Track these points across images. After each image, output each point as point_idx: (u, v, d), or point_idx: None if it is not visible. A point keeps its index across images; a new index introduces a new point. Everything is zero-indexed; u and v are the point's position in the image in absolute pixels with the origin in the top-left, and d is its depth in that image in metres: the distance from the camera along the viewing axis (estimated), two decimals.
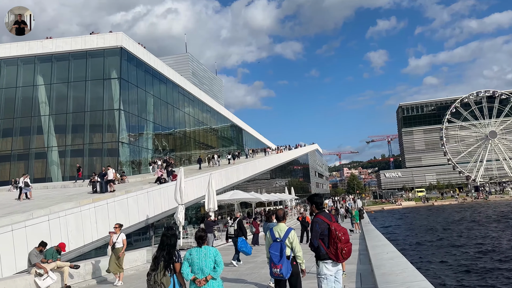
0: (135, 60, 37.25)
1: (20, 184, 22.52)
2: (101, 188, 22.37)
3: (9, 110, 35.53)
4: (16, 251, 13.26)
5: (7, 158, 35.17)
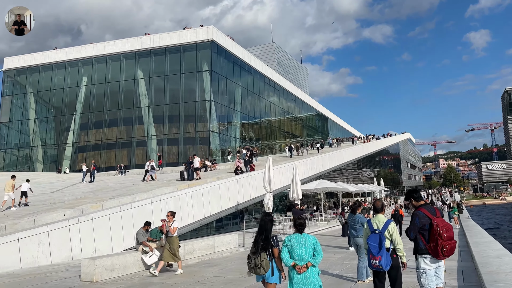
0: (224, 53, 38.57)
1: (146, 167, 25.09)
2: (188, 176, 23.67)
3: (114, 102, 39.26)
4: (124, 229, 14.73)
5: (112, 146, 38.99)
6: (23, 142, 42.38)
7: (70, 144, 40.35)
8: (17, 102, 42.80)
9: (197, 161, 24.29)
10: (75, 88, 40.62)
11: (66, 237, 12.63)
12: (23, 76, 42.65)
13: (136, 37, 39.35)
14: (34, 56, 42.50)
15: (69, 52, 41.11)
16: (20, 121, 42.45)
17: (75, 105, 40.45)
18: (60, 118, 41.52)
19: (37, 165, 41.01)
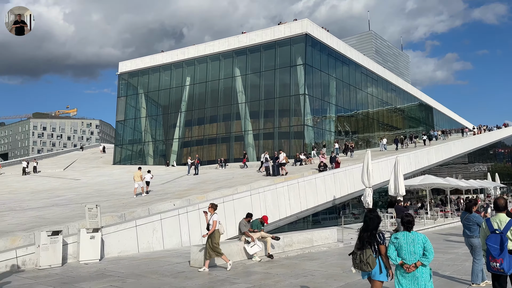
0: (318, 45, 38.09)
1: (262, 159, 26.57)
2: (273, 171, 23.82)
3: (214, 100, 41.38)
4: (227, 219, 15.51)
5: (213, 140, 41.18)
6: (136, 138, 47.01)
7: (177, 140, 43.62)
8: (130, 102, 47.55)
9: (282, 156, 24.17)
10: (180, 87, 43.70)
11: (176, 225, 13.73)
12: (135, 78, 47.19)
13: (234, 36, 40.87)
14: (144, 59, 46.71)
15: (174, 54, 44.34)
16: (133, 119, 47.10)
17: (180, 103, 43.56)
18: (167, 116, 45.12)
19: (148, 159, 45.14)
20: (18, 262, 9.63)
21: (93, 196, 20.87)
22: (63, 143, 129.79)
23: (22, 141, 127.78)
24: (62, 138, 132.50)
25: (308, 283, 8.19)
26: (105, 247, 11.29)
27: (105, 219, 12.38)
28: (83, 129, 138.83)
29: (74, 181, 31.53)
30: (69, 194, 23.23)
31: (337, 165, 24.04)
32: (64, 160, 48.55)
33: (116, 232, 11.83)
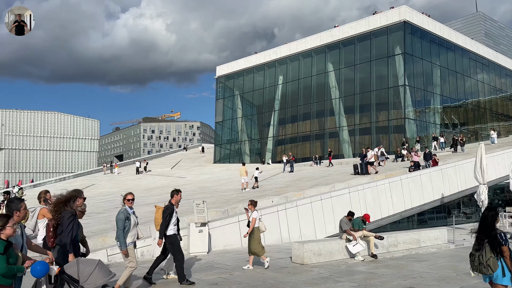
0: (418, 32, 35.62)
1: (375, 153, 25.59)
2: (361, 170, 22.57)
3: (306, 97, 41.22)
4: (325, 217, 15.33)
5: (307, 138, 41.06)
6: (233, 138, 49.00)
7: (271, 138, 44.44)
8: (227, 103, 49.71)
9: (370, 154, 22.59)
10: (273, 87, 44.42)
11: (276, 221, 13.97)
12: (231, 80, 49.19)
13: (326, 31, 40.23)
14: (239, 62, 48.44)
15: (266, 55, 45.23)
16: (231, 120, 49.16)
17: (273, 102, 44.28)
18: (262, 115, 46.24)
19: (245, 157, 46.74)
20: (137, 253, 10.67)
21: (198, 193, 22.27)
22: (169, 144, 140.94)
23: (134, 143, 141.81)
24: (168, 140, 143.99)
25: (418, 285, 7.70)
26: (212, 240, 11.96)
27: (210, 214, 13.10)
28: (186, 130, 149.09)
29: (180, 179, 34.01)
30: None
31: (434, 163, 21.47)
32: (171, 160, 52.65)
33: (221, 226, 12.44)
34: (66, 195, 5.24)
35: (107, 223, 14.17)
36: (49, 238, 5.21)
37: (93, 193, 31.48)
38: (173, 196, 7.74)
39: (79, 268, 4.19)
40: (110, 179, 40.33)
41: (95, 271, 4.21)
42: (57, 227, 5.13)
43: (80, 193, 5.39)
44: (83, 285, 4.13)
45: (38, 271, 3.91)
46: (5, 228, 3.84)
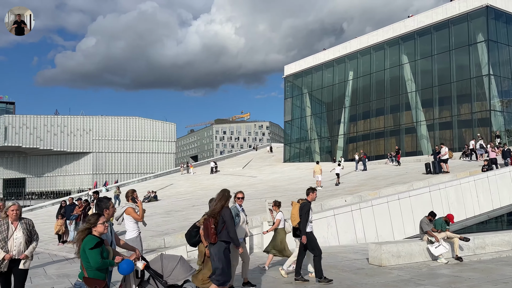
0: (503, 16, 32.59)
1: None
2: (433, 168, 20.86)
3: (379, 92, 39.64)
4: (404, 217, 14.62)
5: (380, 134, 39.48)
6: (302, 137, 48.71)
7: (342, 136, 43.45)
8: (296, 102, 49.53)
9: (444, 151, 20.64)
10: (343, 83, 43.38)
11: (350, 221, 13.62)
12: (299, 79, 48.92)
13: (399, 22, 38.38)
14: (307, 60, 48.01)
15: (335, 50, 44.30)
16: (299, 119, 48.91)
17: (343, 99, 43.24)
18: (331, 112, 45.39)
19: (315, 156, 46.21)
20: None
21: (269, 192, 22.50)
22: (240, 144, 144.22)
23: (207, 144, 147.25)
24: (239, 140, 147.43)
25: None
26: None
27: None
28: (256, 131, 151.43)
29: (251, 178, 34.61)
30: (248, 190, 25.59)
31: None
32: (242, 160, 53.80)
33: None
34: (224, 196, 5.84)
35: (186, 221, 14.88)
36: (212, 235, 5.63)
37: (172, 192, 33.25)
38: (309, 193, 7.84)
39: (163, 264, 4.41)
40: (187, 179, 42.26)
41: (178, 267, 4.39)
42: (217, 225, 5.65)
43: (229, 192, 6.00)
44: (166, 280, 4.33)
45: (124, 269, 4.18)
46: (97, 225, 4.16)
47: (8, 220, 5.39)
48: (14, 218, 5.40)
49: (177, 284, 4.37)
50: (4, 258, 5.20)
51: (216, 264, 5.72)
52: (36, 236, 5.60)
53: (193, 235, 6.33)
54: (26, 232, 5.45)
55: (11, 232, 5.36)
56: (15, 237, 5.37)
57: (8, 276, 5.36)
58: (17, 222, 5.44)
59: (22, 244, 5.37)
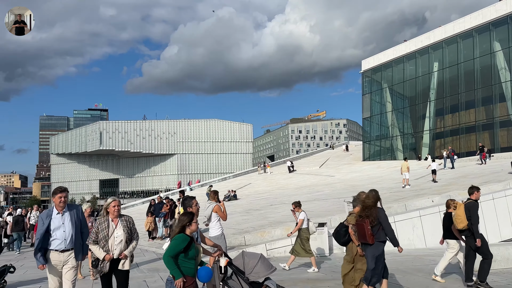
0: None
1: None
2: None
3: (468, 82, 36.59)
4: (499, 219, 13.33)
5: (471, 129, 36.42)
6: (383, 134, 46.69)
7: (427, 131, 40.88)
8: (375, 98, 47.63)
9: None
10: (427, 75, 40.79)
11: (438, 223, 12.73)
12: (378, 73, 46.98)
13: (489, 7, 35.09)
14: (386, 53, 45.94)
15: (418, 41, 41.81)
16: (379, 115, 46.94)
17: (428, 92, 40.65)
18: (415, 107, 42.92)
19: (397, 153, 44.06)
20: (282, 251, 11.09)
21: (348, 192, 21.91)
22: (316, 143, 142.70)
23: (283, 144, 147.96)
24: (315, 139, 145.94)
25: None
26: None
27: None
28: (332, 129, 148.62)
29: (329, 177, 34.05)
30: (326, 190, 25.23)
31: None
32: (319, 159, 53.17)
33: None
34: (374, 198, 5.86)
35: (264, 219, 15.11)
36: (369, 236, 5.71)
37: (250, 191, 34.01)
38: (473, 192, 7.41)
39: (244, 261, 4.53)
40: (264, 179, 42.90)
41: (259, 264, 4.47)
42: (373, 226, 5.75)
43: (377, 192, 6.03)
44: (248, 277, 4.43)
45: (204, 276, 4.28)
46: (191, 223, 4.34)
47: (108, 217, 5.07)
48: (116, 215, 5.07)
49: (257, 281, 4.46)
50: (104, 258, 4.92)
51: (371, 264, 5.79)
52: (136, 235, 5.22)
53: (342, 235, 6.27)
54: (127, 230, 5.08)
55: (112, 230, 5.02)
56: (115, 236, 5.03)
57: (109, 277, 5.09)
58: (117, 219, 5.10)
59: (122, 243, 5.02)
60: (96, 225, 5.08)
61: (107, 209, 5.07)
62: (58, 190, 5.09)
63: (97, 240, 4.98)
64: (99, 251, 4.94)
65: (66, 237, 5.04)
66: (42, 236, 4.97)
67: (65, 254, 5.06)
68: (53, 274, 5.08)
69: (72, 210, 5.19)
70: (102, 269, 4.97)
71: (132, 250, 5.11)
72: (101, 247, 4.95)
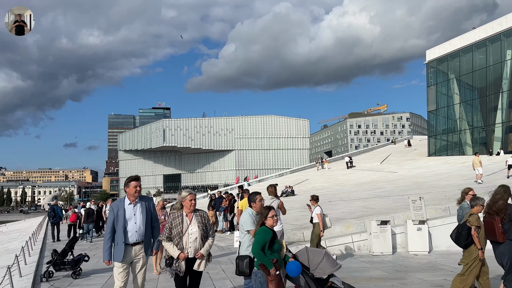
0: None
1: None
2: None
3: None
4: None
5: None
6: (450, 127, 44.00)
7: (499, 124, 37.93)
8: (441, 89, 44.97)
9: None
10: (499, 64, 37.79)
11: None
12: (444, 64, 44.27)
13: None
14: (453, 42, 43.16)
15: (488, 28, 38.83)
16: (446, 108, 44.27)
17: (500, 82, 37.68)
18: (485, 98, 39.97)
19: (466, 148, 41.33)
20: (353, 246, 10.84)
21: (412, 188, 20.97)
22: (376, 138, 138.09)
23: (341, 139, 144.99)
24: (375, 134, 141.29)
25: None
26: (432, 240, 11.03)
27: (428, 212, 12.11)
28: (394, 123, 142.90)
29: (391, 173, 32.79)
30: (388, 186, 24.32)
31: None
32: (379, 154, 51.37)
33: (443, 225, 11.31)
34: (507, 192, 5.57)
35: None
36: (500, 234, 5.44)
37: (308, 187, 33.71)
38: None
39: (309, 257, 4.53)
40: (322, 174, 42.32)
41: (324, 260, 4.46)
42: (503, 224, 5.47)
43: None
44: (313, 273, 4.42)
45: (293, 270, 4.31)
46: (267, 218, 4.39)
47: (182, 212, 4.65)
48: (192, 209, 4.64)
49: (321, 278, 4.42)
50: (179, 257, 4.50)
51: (508, 262, 5.50)
52: (212, 232, 4.79)
53: (465, 237, 5.72)
54: (202, 226, 4.63)
55: (186, 226, 4.58)
56: (190, 232, 4.57)
57: (185, 278, 4.62)
58: (191, 214, 4.65)
59: (198, 240, 4.56)
60: (169, 220, 4.66)
61: (182, 203, 4.66)
62: (133, 178, 4.83)
63: (170, 236, 4.58)
64: (173, 248, 4.53)
65: (137, 229, 4.76)
66: (112, 227, 4.72)
67: (136, 248, 4.77)
68: (120, 270, 4.72)
69: (144, 201, 4.90)
70: (177, 269, 4.53)
71: (208, 248, 4.64)
72: (175, 244, 4.55)
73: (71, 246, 9.17)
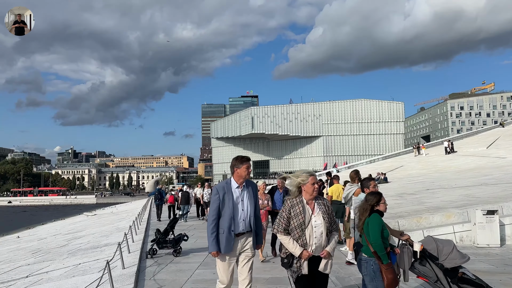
0: None
1: None
2: None
3: None
4: None
5: None
6: None
7: None
8: None
9: None
10: None
11: None
12: None
13: None
14: None
15: None
16: None
17: None
18: None
19: None
20: (455, 237, 10.04)
21: None
22: (482, 120, 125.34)
23: (441, 122, 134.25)
24: (480, 116, 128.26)
25: None
26: None
27: None
28: (503, 103, 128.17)
29: (499, 159, 29.62)
30: (496, 173, 22.02)
31: None
32: (486, 138, 46.60)
33: None
34: None
35: (419, 204, 14.12)
36: None
37: (403, 174, 32.02)
38: None
39: (438, 246, 4.44)
40: (419, 161, 39.79)
41: (454, 251, 4.37)
42: None
43: None
44: (442, 263, 4.33)
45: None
46: (379, 204, 4.27)
47: (302, 198, 3.76)
48: (315, 195, 3.78)
49: (448, 268, 4.33)
50: (301, 256, 3.62)
51: None
52: (336, 225, 3.89)
53: None
54: (327, 217, 3.75)
55: (308, 217, 3.70)
56: (313, 224, 3.70)
57: (309, 281, 3.72)
58: (313, 202, 3.79)
59: (323, 235, 3.69)
60: (286, 208, 3.73)
61: (301, 187, 3.77)
62: (245, 160, 4.21)
63: (288, 228, 3.70)
64: (293, 244, 3.64)
65: (244, 217, 4.14)
66: (217, 213, 4.11)
67: (242, 239, 4.17)
68: (225, 263, 4.15)
69: (250, 186, 4.28)
70: (298, 270, 3.66)
71: (335, 246, 3.78)
72: (295, 239, 3.66)
73: (172, 226, 9.93)
